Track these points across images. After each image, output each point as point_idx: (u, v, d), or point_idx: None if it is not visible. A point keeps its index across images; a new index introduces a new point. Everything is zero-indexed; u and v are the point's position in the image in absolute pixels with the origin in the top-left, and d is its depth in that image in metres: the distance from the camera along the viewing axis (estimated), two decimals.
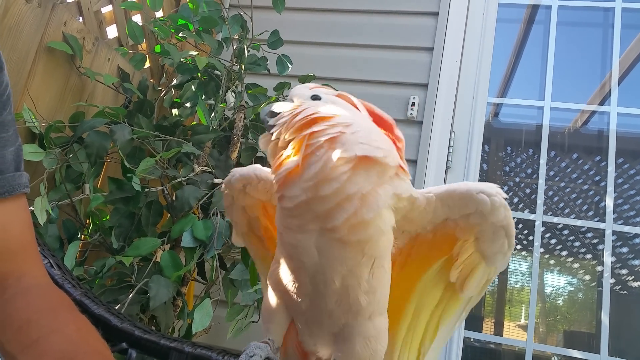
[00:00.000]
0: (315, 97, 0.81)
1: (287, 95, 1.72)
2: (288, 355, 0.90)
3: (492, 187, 0.74)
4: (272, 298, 0.86)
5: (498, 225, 0.74)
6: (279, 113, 0.78)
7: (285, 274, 0.81)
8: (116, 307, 1.26)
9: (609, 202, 2.23)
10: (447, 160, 2.11)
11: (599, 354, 2.02)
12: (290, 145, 0.71)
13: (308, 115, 0.71)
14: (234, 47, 1.79)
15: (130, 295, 1.34)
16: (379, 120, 0.81)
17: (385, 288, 0.75)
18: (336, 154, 0.67)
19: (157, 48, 1.84)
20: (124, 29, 1.90)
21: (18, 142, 0.77)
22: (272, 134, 0.75)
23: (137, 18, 2.02)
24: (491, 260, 0.77)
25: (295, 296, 0.81)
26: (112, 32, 1.92)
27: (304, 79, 1.71)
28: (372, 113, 0.82)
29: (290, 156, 0.70)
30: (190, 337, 1.50)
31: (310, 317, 0.81)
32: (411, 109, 2.14)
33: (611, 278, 2.18)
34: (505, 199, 0.74)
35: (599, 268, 2.87)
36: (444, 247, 0.81)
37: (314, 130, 0.69)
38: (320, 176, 0.67)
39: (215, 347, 0.90)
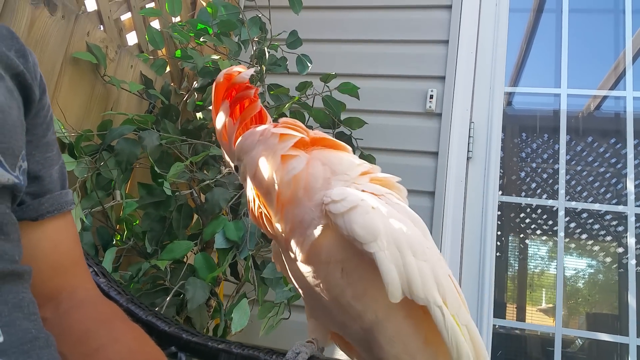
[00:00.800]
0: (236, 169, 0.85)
1: (309, 95, 1.74)
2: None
3: (336, 194, 0.72)
4: (306, 300, 0.91)
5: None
6: None
7: (304, 300, 0.88)
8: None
9: (630, 185, 2.23)
10: (468, 151, 2.12)
11: (627, 335, 2.03)
12: None
13: None
14: (254, 49, 1.81)
15: (168, 299, 1.37)
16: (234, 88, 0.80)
17: (377, 285, 0.73)
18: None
19: (178, 53, 1.86)
20: (143, 35, 1.93)
21: (61, 160, 0.80)
22: None
23: (155, 24, 2.04)
24: None
25: (317, 316, 0.87)
26: (131, 39, 1.94)
27: (325, 78, 1.72)
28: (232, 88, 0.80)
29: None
30: (226, 337, 1.53)
31: (336, 330, 0.86)
32: (430, 101, 2.16)
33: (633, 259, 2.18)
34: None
35: (620, 250, 2.88)
36: None
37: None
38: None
39: (262, 347, 0.93)
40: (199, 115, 1.85)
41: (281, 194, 0.74)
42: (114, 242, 1.60)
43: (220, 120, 0.82)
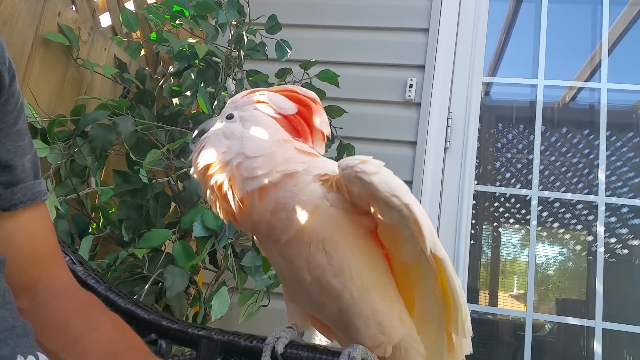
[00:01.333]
0: (229, 116, 0.85)
1: (289, 82, 1.73)
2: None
3: (348, 161, 0.74)
4: (284, 286, 0.91)
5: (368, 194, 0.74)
6: (206, 132, 0.86)
7: (283, 284, 0.90)
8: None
9: (601, 176, 2.29)
10: (446, 141, 2.14)
11: (594, 319, 2.10)
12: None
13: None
14: (232, 33, 1.78)
15: (147, 287, 1.35)
16: (302, 103, 0.84)
17: (354, 263, 0.77)
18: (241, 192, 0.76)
19: (153, 35, 1.82)
20: (117, 16, 1.87)
21: (33, 150, 0.78)
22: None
23: (129, 5, 1.98)
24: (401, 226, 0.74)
25: (295, 299, 0.88)
26: (105, 20, 1.89)
27: (305, 65, 1.71)
28: (294, 99, 0.84)
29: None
30: (205, 325, 1.52)
31: (313, 311, 0.87)
32: (409, 90, 2.16)
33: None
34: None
35: (589, 238, 2.96)
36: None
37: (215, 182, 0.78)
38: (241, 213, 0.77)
39: (243, 334, 0.93)
40: (175, 101, 1.81)
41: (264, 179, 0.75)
42: (90, 230, 1.57)
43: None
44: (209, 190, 0.80)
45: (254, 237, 0.88)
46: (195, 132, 0.88)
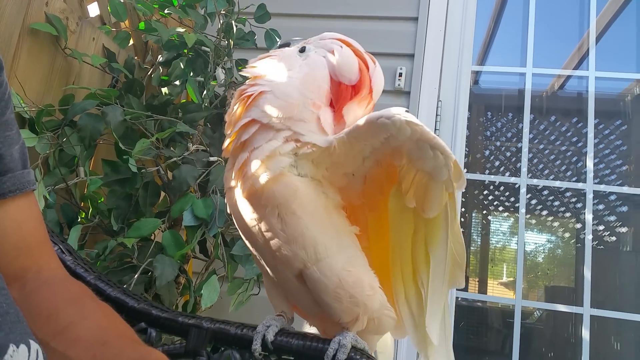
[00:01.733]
0: (302, 50, 0.90)
1: None
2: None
3: (391, 110, 0.77)
4: (265, 275, 0.93)
5: (414, 139, 0.76)
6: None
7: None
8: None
9: (589, 164, 2.31)
10: (435, 129, 2.15)
11: (582, 306, 2.13)
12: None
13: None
14: (221, 22, 1.78)
15: (136, 276, 1.36)
16: (360, 84, 0.88)
17: (309, 233, 0.79)
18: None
19: (142, 25, 1.81)
20: (105, 6, 1.86)
21: (21, 140, 0.78)
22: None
23: None
24: (436, 174, 0.79)
25: (258, 264, 0.90)
26: (93, 10, 1.87)
27: None
28: (360, 73, 0.88)
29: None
30: (195, 313, 1.53)
31: (276, 280, 0.88)
32: (398, 79, 2.16)
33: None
34: (407, 117, 0.76)
35: (578, 226, 2.99)
36: (391, 178, 0.86)
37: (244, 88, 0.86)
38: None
39: (233, 322, 0.94)
40: (164, 90, 1.81)
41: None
42: (79, 220, 1.57)
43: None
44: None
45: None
46: (282, 42, 0.95)
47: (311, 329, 1.00)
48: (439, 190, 0.80)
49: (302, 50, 0.89)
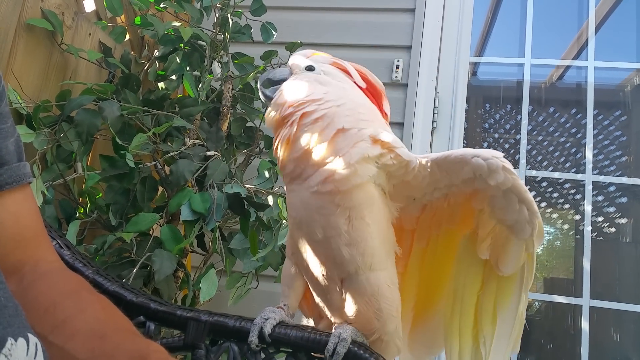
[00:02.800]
0: (310, 68, 0.88)
1: (275, 64, 1.72)
2: (312, 316, 0.96)
3: (490, 152, 0.76)
4: (289, 264, 0.91)
5: (504, 188, 0.75)
6: (276, 82, 0.89)
7: (290, 236, 0.90)
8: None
9: (588, 154, 2.30)
10: (433, 122, 2.15)
11: (581, 297, 2.13)
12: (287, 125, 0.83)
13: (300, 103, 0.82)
14: (217, 16, 1.77)
15: (135, 270, 1.36)
16: (371, 88, 0.88)
17: (371, 241, 0.80)
18: (317, 128, 0.79)
19: (137, 20, 1.80)
20: (101, 1, 1.85)
21: (17, 133, 0.78)
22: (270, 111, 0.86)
23: None
24: (517, 230, 0.76)
25: (298, 255, 0.88)
26: (89, 5, 1.86)
27: (291, 47, 1.70)
28: (365, 79, 0.88)
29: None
30: (194, 307, 1.54)
31: (313, 276, 0.87)
32: (396, 71, 2.16)
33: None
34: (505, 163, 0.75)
35: (577, 217, 2.99)
36: (464, 220, 0.84)
37: (304, 112, 0.80)
38: (302, 147, 0.80)
39: (231, 315, 0.94)
40: (160, 85, 1.80)
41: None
42: (77, 215, 1.57)
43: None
44: (290, 119, 0.81)
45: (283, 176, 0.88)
46: (264, 80, 0.91)
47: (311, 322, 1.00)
48: (519, 248, 0.78)
49: (311, 69, 0.88)
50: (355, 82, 0.88)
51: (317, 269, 0.85)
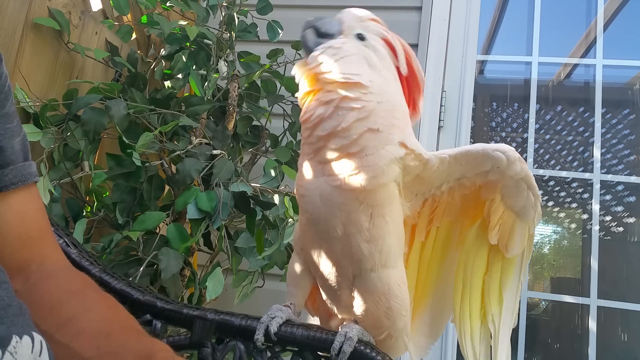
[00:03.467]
0: (360, 37, 0.85)
1: (281, 63, 1.72)
2: (319, 314, 0.96)
3: (505, 146, 0.81)
4: (296, 261, 0.91)
5: (517, 178, 0.80)
6: (322, 34, 0.85)
7: (302, 232, 0.89)
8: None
9: (596, 153, 2.29)
10: (440, 120, 2.14)
11: (589, 297, 2.11)
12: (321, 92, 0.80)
13: (346, 82, 0.78)
14: (223, 15, 1.77)
15: (141, 269, 1.36)
16: (411, 78, 0.86)
17: (388, 239, 0.80)
18: (352, 117, 0.76)
19: (144, 19, 1.80)
20: (108, 0, 1.86)
21: (23, 132, 0.78)
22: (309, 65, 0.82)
23: None
24: (523, 214, 0.83)
25: (309, 251, 0.88)
26: (95, 4, 1.87)
27: (297, 45, 1.70)
28: (410, 67, 0.87)
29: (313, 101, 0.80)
30: (200, 306, 1.54)
31: (324, 273, 0.87)
32: None
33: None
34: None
35: (585, 216, 2.97)
36: (474, 210, 0.87)
37: (346, 96, 0.77)
38: (334, 129, 0.77)
39: (237, 313, 0.94)
40: (167, 83, 1.81)
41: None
42: (84, 214, 1.58)
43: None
44: (329, 96, 0.79)
45: (305, 164, 0.85)
46: (309, 26, 0.87)
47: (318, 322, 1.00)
48: (524, 229, 0.84)
49: (362, 38, 0.85)
50: (398, 68, 0.86)
51: (331, 265, 0.85)
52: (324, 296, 0.91)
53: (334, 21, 0.87)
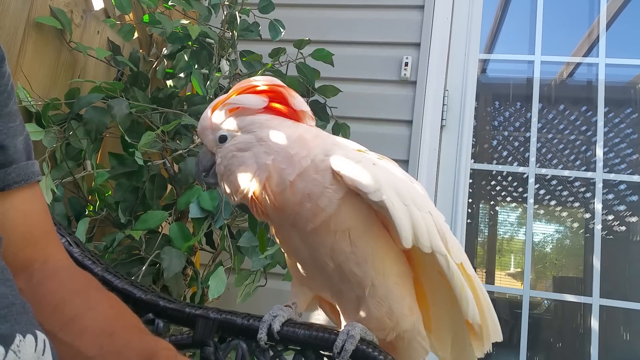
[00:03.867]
0: (222, 139, 0.83)
1: (283, 62, 1.72)
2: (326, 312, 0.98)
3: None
4: (295, 278, 0.93)
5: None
6: (209, 167, 0.88)
7: (296, 267, 0.91)
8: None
9: (599, 152, 2.28)
10: (442, 119, 2.14)
11: (591, 296, 2.11)
12: None
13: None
14: (225, 14, 1.77)
15: (144, 268, 1.37)
16: (269, 92, 0.82)
17: (377, 253, 0.81)
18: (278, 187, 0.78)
19: (146, 18, 1.80)
20: None
21: (26, 132, 0.78)
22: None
23: None
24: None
25: (314, 282, 0.90)
26: (97, 3, 1.87)
27: (299, 44, 1.70)
28: (258, 92, 0.82)
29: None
30: (203, 305, 1.54)
31: (333, 293, 0.90)
32: (404, 69, 2.15)
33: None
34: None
35: (587, 215, 2.97)
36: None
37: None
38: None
39: (239, 312, 0.94)
40: (169, 83, 1.81)
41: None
42: (87, 213, 1.58)
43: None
44: (250, 200, 0.81)
45: (274, 228, 0.89)
46: (197, 168, 0.89)
47: (317, 320, 1.01)
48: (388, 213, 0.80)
49: (224, 139, 0.83)
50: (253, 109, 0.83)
51: (335, 290, 0.87)
52: (328, 298, 0.93)
53: (203, 154, 0.89)
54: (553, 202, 3.04)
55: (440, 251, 0.79)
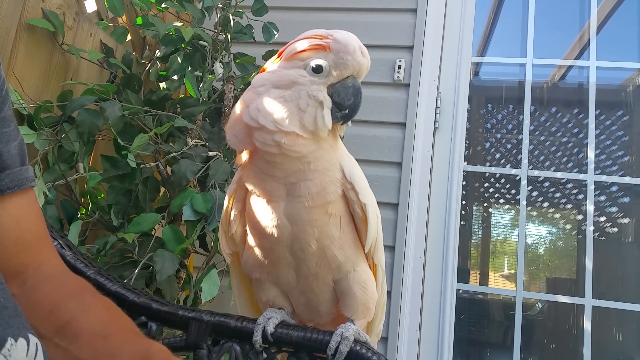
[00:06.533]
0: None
1: None
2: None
3: None
4: (260, 285, 0.94)
5: None
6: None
7: (264, 256, 0.90)
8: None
9: (591, 154, 2.30)
10: (435, 122, 2.14)
11: (584, 297, 2.12)
12: None
13: None
14: (218, 16, 1.77)
15: (137, 271, 1.36)
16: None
17: (356, 241, 0.89)
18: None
19: (139, 20, 1.80)
20: (102, 1, 1.85)
21: (20, 137, 0.78)
22: None
23: None
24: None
25: (280, 273, 0.90)
26: (90, 5, 1.86)
27: None
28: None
29: None
30: (196, 307, 1.53)
31: (301, 288, 0.91)
32: (398, 71, 2.16)
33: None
34: None
35: (579, 217, 2.98)
36: None
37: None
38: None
39: (233, 315, 0.94)
40: (162, 85, 1.80)
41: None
42: (79, 216, 1.57)
43: None
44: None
45: (265, 198, 0.88)
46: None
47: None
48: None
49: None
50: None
51: (310, 280, 0.89)
52: (299, 310, 0.97)
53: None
54: (545, 204, 3.05)
55: (382, 267, 0.96)
